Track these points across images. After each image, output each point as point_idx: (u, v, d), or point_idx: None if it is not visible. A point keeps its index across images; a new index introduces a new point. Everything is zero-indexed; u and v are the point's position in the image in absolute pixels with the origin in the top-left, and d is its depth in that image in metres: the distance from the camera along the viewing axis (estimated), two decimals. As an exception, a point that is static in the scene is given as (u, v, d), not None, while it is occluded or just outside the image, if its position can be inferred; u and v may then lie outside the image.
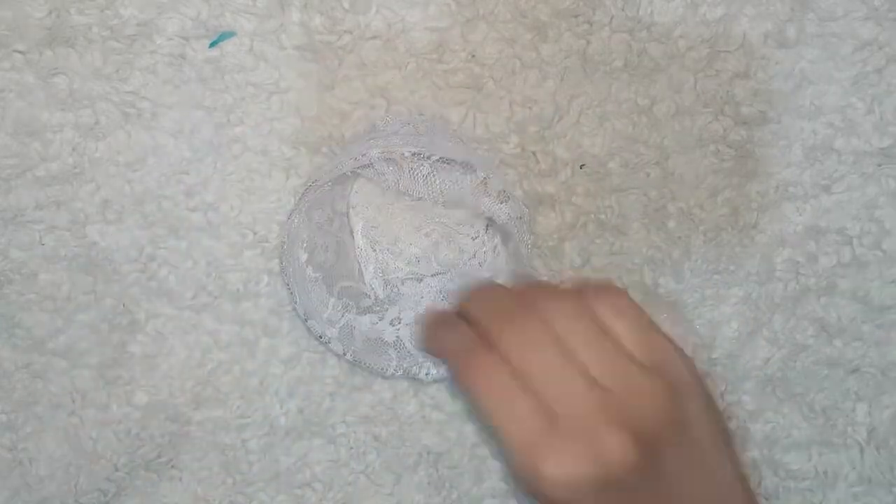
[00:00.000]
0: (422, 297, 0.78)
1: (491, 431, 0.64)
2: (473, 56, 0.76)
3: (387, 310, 0.78)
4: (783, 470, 0.81)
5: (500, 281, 0.76)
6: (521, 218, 0.73)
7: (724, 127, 0.78)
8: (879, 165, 0.78)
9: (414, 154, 0.71)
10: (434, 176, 0.73)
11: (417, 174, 0.73)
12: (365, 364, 0.77)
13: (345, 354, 0.76)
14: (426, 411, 0.80)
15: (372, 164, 0.72)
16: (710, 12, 0.77)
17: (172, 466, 0.81)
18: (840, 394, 0.81)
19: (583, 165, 0.78)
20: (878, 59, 0.78)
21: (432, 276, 0.78)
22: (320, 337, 0.76)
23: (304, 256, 0.76)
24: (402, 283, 0.78)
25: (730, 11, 0.77)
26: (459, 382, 0.59)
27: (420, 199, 0.75)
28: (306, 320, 0.76)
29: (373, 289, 0.78)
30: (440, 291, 0.78)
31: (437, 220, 0.78)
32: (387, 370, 0.77)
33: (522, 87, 0.77)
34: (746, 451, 0.81)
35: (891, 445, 0.81)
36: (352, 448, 0.80)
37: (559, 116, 0.77)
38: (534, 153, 0.77)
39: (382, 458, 0.80)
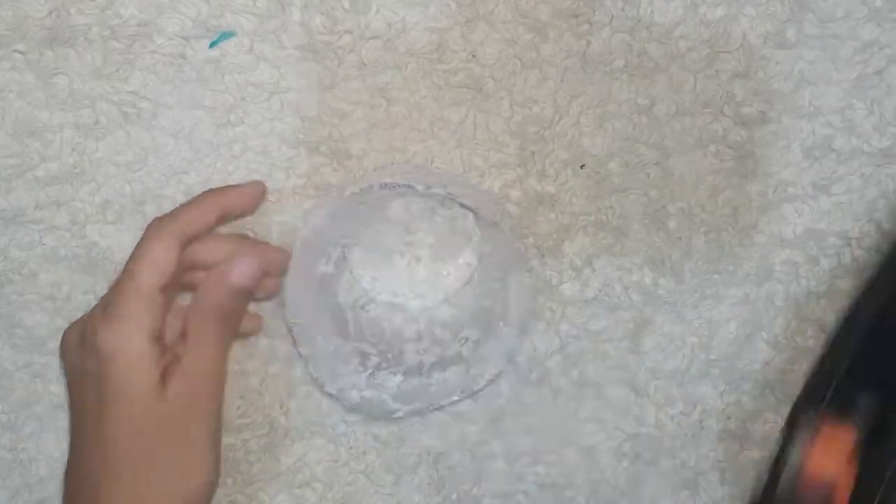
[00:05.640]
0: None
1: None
2: (474, 56, 0.76)
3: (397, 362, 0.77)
4: (783, 470, 0.81)
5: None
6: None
7: (724, 127, 0.78)
8: (879, 166, 0.78)
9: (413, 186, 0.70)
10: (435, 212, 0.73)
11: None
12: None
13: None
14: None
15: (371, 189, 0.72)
16: (710, 13, 0.77)
17: (172, 466, 0.81)
18: (840, 394, 0.81)
19: (583, 166, 0.78)
20: (878, 61, 0.78)
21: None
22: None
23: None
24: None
25: (730, 12, 0.77)
26: None
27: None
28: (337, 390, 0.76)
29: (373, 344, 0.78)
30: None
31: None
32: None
33: (523, 87, 0.77)
34: (746, 450, 0.81)
35: (890, 446, 0.81)
36: (352, 448, 0.80)
37: (559, 117, 0.77)
38: (533, 153, 0.77)
39: (382, 458, 0.80)
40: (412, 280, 0.76)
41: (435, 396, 0.75)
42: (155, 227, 0.71)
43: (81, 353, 0.69)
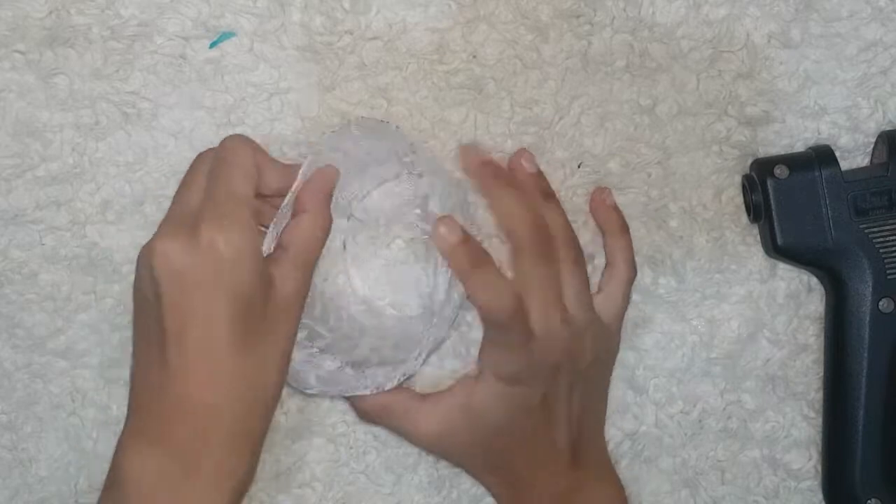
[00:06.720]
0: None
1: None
2: (474, 57, 0.76)
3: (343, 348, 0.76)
4: (783, 469, 0.81)
5: None
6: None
7: (728, 127, 0.78)
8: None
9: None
10: None
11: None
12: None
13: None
14: (426, 411, 0.80)
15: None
16: (712, 12, 0.76)
17: (173, 465, 0.81)
18: (841, 393, 0.81)
19: (580, 165, 0.78)
20: (882, 60, 0.78)
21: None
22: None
23: None
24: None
25: (733, 11, 0.76)
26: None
27: None
28: None
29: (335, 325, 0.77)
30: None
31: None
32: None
33: (523, 87, 0.77)
34: (747, 450, 0.81)
35: (891, 445, 0.81)
36: (352, 448, 0.80)
37: (560, 117, 0.77)
38: (533, 153, 0.77)
39: (382, 458, 0.80)
40: (396, 281, 0.77)
41: (352, 387, 0.74)
42: (234, 138, 0.70)
43: (184, 253, 0.65)
